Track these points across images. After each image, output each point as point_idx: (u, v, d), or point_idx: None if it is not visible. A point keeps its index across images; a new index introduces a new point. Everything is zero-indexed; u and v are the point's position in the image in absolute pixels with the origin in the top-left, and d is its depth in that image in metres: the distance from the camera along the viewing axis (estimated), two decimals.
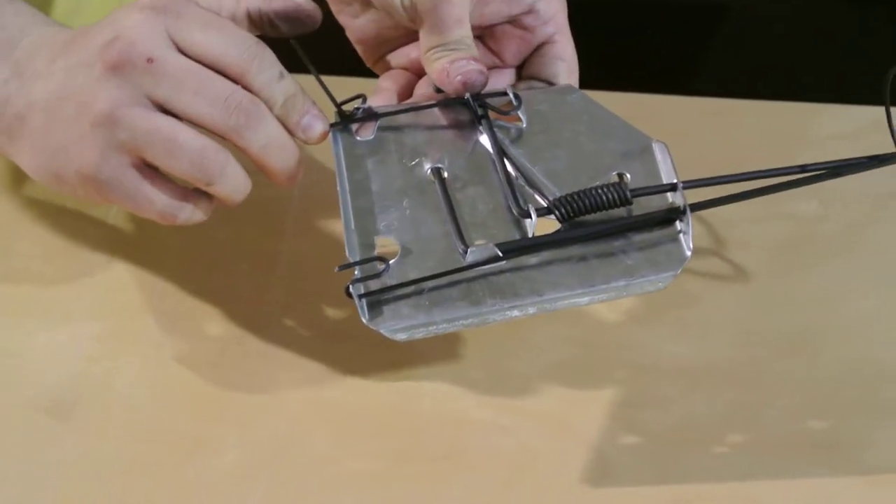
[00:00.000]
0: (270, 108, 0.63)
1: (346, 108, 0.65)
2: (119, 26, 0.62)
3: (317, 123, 0.64)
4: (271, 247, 0.77)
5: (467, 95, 0.65)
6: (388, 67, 0.72)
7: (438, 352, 0.70)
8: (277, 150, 0.63)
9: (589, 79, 0.72)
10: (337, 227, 0.64)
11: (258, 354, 0.71)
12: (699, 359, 0.71)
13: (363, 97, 0.66)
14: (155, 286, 0.74)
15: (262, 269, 0.75)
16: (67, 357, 0.70)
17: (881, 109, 0.85)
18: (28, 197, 0.79)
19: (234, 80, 0.62)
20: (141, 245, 0.76)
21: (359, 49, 0.72)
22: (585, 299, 0.62)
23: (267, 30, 0.67)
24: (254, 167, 0.64)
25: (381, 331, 0.60)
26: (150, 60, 0.61)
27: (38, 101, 0.64)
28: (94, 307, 0.73)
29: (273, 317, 0.72)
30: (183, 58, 0.62)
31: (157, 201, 0.63)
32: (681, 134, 0.83)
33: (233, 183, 0.63)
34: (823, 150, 0.83)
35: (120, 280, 0.74)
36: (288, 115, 0.63)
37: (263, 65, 0.62)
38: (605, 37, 0.97)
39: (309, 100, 0.64)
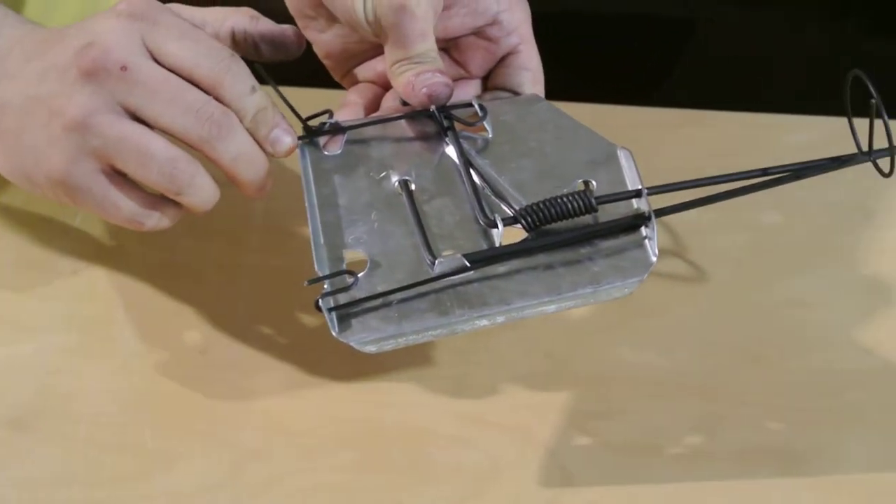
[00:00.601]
0: (241, 121, 0.63)
1: (313, 122, 0.66)
2: (94, 31, 0.63)
3: (285, 137, 0.64)
4: (237, 258, 0.77)
5: (433, 108, 0.65)
6: (356, 81, 0.72)
7: (403, 362, 0.71)
8: (247, 162, 0.64)
9: (557, 90, 0.72)
10: (302, 238, 0.64)
11: (223, 366, 0.71)
12: (662, 368, 0.71)
13: (330, 112, 0.66)
14: (120, 298, 0.74)
15: (227, 280, 0.75)
16: (33, 369, 0.70)
17: (842, 120, 0.86)
18: None
19: (207, 92, 0.63)
20: (106, 257, 0.76)
21: (326, 63, 0.72)
22: (553, 307, 0.62)
23: (250, 52, 0.67)
24: (223, 178, 0.64)
25: (351, 343, 0.60)
26: (124, 68, 0.61)
27: (10, 102, 0.65)
28: (59, 319, 0.73)
29: (238, 328, 0.72)
30: (157, 66, 0.62)
31: (125, 208, 0.64)
32: (647, 145, 0.84)
33: (201, 193, 0.64)
34: (786, 160, 0.83)
35: (85, 292, 0.74)
36: (257, 128, 0.64)
37: (236, 78, 0.63)
38: (573, 49, 0.97)
39: (278, 114, 0.65)
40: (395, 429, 0.68)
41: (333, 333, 0.60)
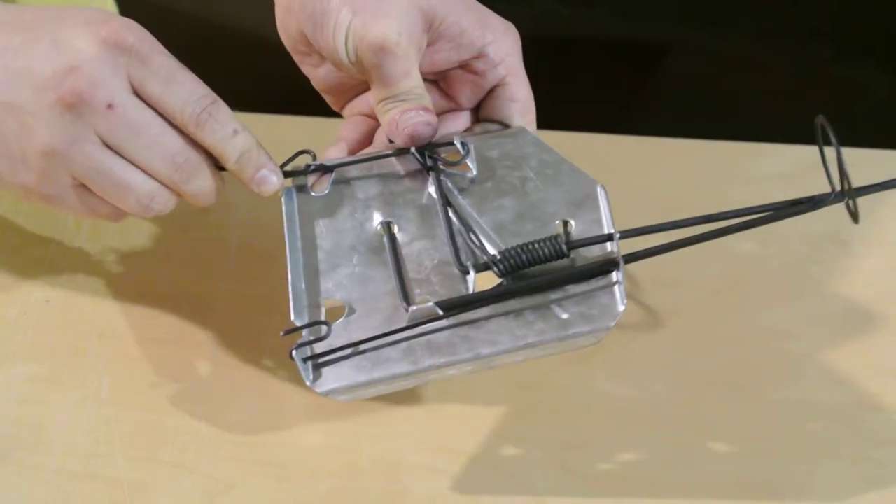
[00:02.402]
0: (224, 163, 0.63)
1: (299, 161, 0.66)
2: (79, 56, 0.60)
3: (271, 178, 0.64)
4: (211, 287, 0.76)
5: (413, 149, 0.65)
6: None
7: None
8: (205, 197, 0.64)
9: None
10: (278, 267, 0.63)
11: (194, 396, 0.70)
12: (636, 399, 0.71)
13: (312, 154, 0.66)
14: (91, 327, 0.73)
15: (202, 310, 0.75)
16: (2, 399, 0.70)
17: (816, 149, 0.86)
18: None
19: (188, 134, 0.63)
20: (76, 286, 0.76)
21: (325, 97, 0.73)
22: (520, 357, 0.62)
23: None
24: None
25: (323, 394, 0.60)
26: (109, 106, 0.61)
27: None
28: (29, 349, 0.72)
29: (210, 358, 0.72)
30: (141, 107, 0.62)
31: (102, 211, 0.65)
32: (620, 174, 0.84)
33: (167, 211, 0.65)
34: (760, 190, 0.84)
35: (57, 321, 0.74)
36: (242, 169, 0.64)
37: (217, 124, 0.62)
38: (546, 74, 0.97)
39: (264, 154, 0.64)
40: (368, 459, 0.68)
41: (307, 383, 0.60)
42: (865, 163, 0.85)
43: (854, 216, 0.61)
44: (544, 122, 0.85)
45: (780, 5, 1.05)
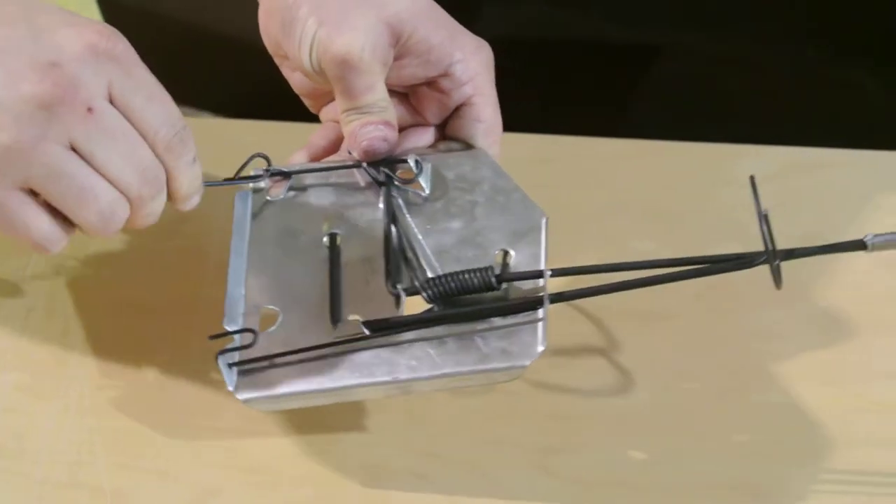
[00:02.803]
0: (174, 186, 0.63)
1: (259, 163, 0.66)
2: (61, 53, 0.58)
3: (197, 200, 0.64)
4: (193, 292, 0.76)
5: (364, 164, 0.65)
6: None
7: (353, 403, 0.70)
8: (154, 219, 0.63)
9: (514, 119, 0.72)
10: None
11: (178, 403, 0.70)
12: (621, 402, 0.71)
13: (266, 158, 0.66)
14: (76, 335, 0.73)
15: (184, 315, 0.74)
16: None
17: (805, 150, 0.86)
18: None
19: (155, 152, 0.61)
20: (60, 294, 0.76)
21: (304, 100, 0.73)
22: (438, 385, 0.61)
23: None
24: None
25: (243, 401, 0.60)
26: (90, 110, 0.58)
27: None
28: (13, 357, 0.72)
29: (194, 364, 0.71)
30: (119, 117, 0.59)
31: (36, 230, 0.60)
32: (603, 176, 0.84)
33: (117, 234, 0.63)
34: (747, 191, 0.84)
35: (39, 329, 0.74)
36: (185, 194, 0.63)
37: (185, 148, 0.62)
38: (533, 76, 0.97)
39: (201, 182, 0.64)
40: (351, 464, 0.68)
41: (230, 388, 0.60)
42: (860, 164, 0.85)
43: (776, 280, 0.61)
44: (536, 124, 0.85)
45: (776, 7, 1.05)
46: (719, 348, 0.74)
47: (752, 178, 0.60)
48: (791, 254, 0.62)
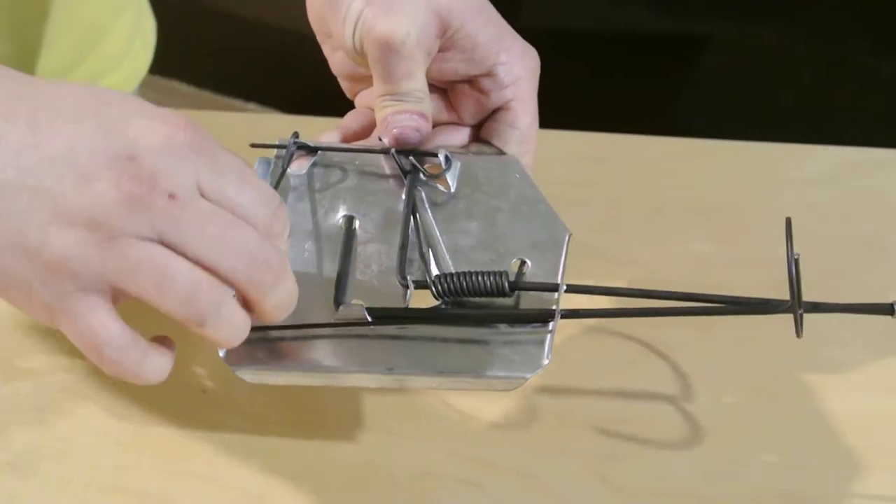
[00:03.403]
0: None
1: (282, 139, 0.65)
2: (138, 147, 0.53)
3: None
4: None
5: (392, 150, 0.64)
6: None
7: (406, 404, 0.69)
8: (286, 309, 0.57)
9: (557, 117, 0.70)
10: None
11: (225, 406, 0.69)
12: (674, 409, 0.70)
13: (296, 133, 0.65)
14: None
15: None
16: (29, 410, 0.69)
17: (859, 150, 0.85)
18: None
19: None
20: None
21: (340, 82, 0.71)
22: (434, 384, 0.60)
23: None
24: None
25: (231, 367, 0.59)
26: (172, 196, 0.52)
27: None
28: (57, 357, 0.71)
29: None
30: (209, 203, 0.53)
31: (112, 342, 0.54)
32: (651, 176, 0.83)
33: (228, 327, 0.55)
34: (800, 192, 0.82)
35: None
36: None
37: (284, 226, 0.57)
38: (577, 71, 0.96)
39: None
40: (399, 472, 0.66)
41: (220, 355, 0.59)
42: None
43: (798, 330, 0.59)
44: (571, 123, 0.84)
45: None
46: (776, 354, 0.73)
47: (788, 221, 0.58)
48: (816, 307, 0.60)
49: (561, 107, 0.71)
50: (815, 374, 0.72)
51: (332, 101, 0.74)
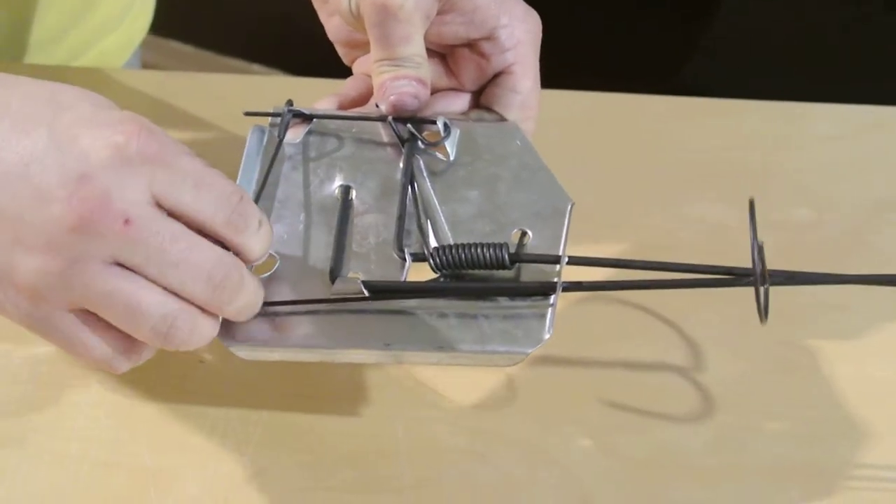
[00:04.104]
0: (245, 258, 0.56)
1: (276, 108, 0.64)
2: (89, 162, 0.52)
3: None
4: None
5: (390, 118, 0.63)
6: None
7: (408, 376, 0.68)
8: (249, 310, 0.57)
9: (564, 75, 0.69)
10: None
11: (222, 377, 0.68)
12: (682, 378, 0.68)
13: (290, 101, 0.64)
14: None
15: None
16: (22, 382, 0.67)
17: (876, 109, 0.82)
18: None
19: (218, 237, 0.55)
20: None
21: (337, 49, 0.70)
22: (433, 359, 0.58)
23: None
24: None
25: (224, 343, 0.57)
26: (127, 222, 0.51)
27: None
28: None
29: None
30: (164, 219, 0.53)
31: (97, 350, 0.56)
32: (658, 136, 0.81)
33: (198, 343, 0.55)
34: (815, 152, 0.80)
35: None
36: (255, 259, 0.57)
37: (247, 220, 0.55)
38: (584, 30, 0.94)
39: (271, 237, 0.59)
40: (401, 444, 0.65)
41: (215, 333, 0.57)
42: None
43: (762, 310, 0.56)
44: (577, 83, 0.82)
45: None
46: (788, 320, 0.71)
47: (751, 202, 0.56)
48: (792, 279, 0.58)
49: (565, 65, 0.69)
50: (825, 341, 0.70)
51: (340, 63, 0.73)
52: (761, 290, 0.55)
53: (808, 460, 0.65)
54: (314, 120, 0.64)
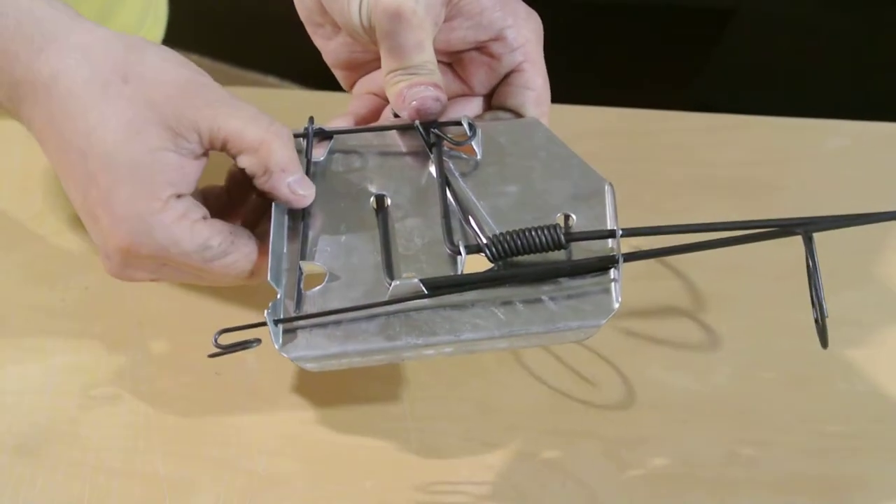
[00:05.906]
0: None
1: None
2: (107, 247, 0.59)
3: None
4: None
5: (417, 122, 0.63)
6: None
7: (422, 385, 0.68)
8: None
9: (583, 91, 0.69)
10: None
11: (237, 388, 0.68)
12: (697, 392, 0.68)
13: (311, 119, 0.64)
14: (131, 316, 0.71)
15: (242, 299, 0.72)
16: (39, 392, 0.68)
17: (887, 125, 0.83)
18: None
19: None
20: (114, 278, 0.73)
21: (336, 74, 0.70)
22: (504, 343, 0.59)
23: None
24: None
25: (292, 359, 0.58)
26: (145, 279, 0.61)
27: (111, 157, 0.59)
28: (67, 338, 0.70)
29: (249, 352, 0.69)
30: (176, 270, 0.61)
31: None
32: (678, 151, 0.81)
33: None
34: (827, 167, 0.80)
35: (94, 309, 0.72)
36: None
37: (226, 258, 0.60)
38: (600, 46, 0.94)
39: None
40: (415, 455, 0.65)
41: (276, 347, 0.58)
42: None
43: (822, 340, 0.58)
44: (596, 99, 0.82)
45: None
46: (800, 334, 0.70)
47: (809, 236, 0.56)
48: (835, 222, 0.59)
49: (585, 82, 0.69)
50: (842, 355, 0.70)
51: None
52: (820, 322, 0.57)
53: (820, 475, 0.65)
54: (334, 137, 0.64)
